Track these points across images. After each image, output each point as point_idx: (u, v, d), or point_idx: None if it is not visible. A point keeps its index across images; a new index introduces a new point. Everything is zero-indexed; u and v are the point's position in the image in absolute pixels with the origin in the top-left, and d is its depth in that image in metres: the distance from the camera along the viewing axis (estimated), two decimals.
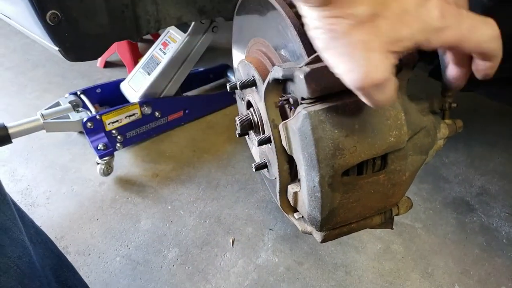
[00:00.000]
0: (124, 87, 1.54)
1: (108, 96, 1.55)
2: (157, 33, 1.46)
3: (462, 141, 1.50)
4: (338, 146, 0.46)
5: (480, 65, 0.39)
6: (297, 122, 0.47)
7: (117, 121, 1.39)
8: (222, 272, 1.08)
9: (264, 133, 0.64)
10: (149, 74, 1.47)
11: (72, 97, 1.43)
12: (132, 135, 1.46)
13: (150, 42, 1.79)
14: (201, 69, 1.78)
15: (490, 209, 1.24)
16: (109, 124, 1.37)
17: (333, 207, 0.50)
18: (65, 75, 1.99)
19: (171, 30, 1.50)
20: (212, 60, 1.90)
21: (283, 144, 0.54)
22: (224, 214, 1.24)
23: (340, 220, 0.54)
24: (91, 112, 1.39)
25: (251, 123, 0.67)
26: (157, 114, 1.49)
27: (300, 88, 0.46)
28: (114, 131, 1.39)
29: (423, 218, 1.22)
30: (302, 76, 0.44)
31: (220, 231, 1.19)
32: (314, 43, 0.36)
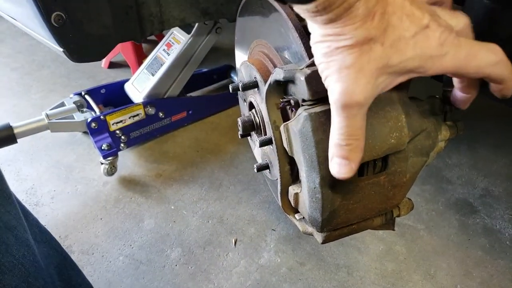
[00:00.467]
0: (128, 87, 1.55)
1: (112, 96, 1.56)
2: (161, 34, 1.47)
3: (466, 143, 1.50)
4: None
5: (492, 87, 0.40)
6: (298, 123, 0.47)
7: (121, 121, 1.39)
8: (224, 272, 1.08)
9: (265, 134, 0.64)
10: (153, 75, 1.48)
11: (77, 98, 1.45)
12: (136, 135, 1.47)
13: (154, 43, 1.79)
14: (205, 69, 1.79)
15: (493, 210, 1.24)
16: (113, 124, 1.38)
17: (334, 208, 0.51)
18: (70, 75, 2.01)
19: (175, 31, 1.51)
20: (216, 60, 1.90)
21: (284, 145, 0.54)
22: (227, 215, 1.24)
23: (341, 221, 0.54)
24: (95, 112, 1.40)
25: (253, 124, 0.67)
26: (161, 114, 1.50)
27: (301, 90, 0.46)
28: (118, 132, 1.40)
29: (425, 219, 1.21)
30: (302, 78, 0.44)
31: (223, 231, 1.19)
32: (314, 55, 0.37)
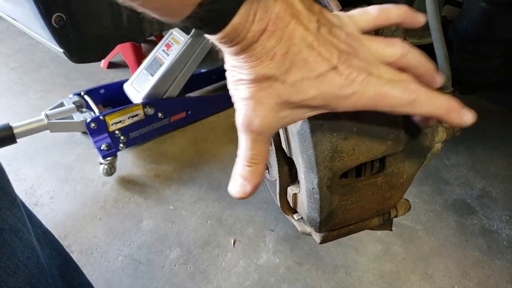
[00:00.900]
0: (128, 88, 1.55)
1: (112, 96, 1.56)
2: (161, 35, 1.47)
3: (464, 144, 1.50)
4: (337, 149, 0.46)
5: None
6: (296, 125, 0.48)
7: (120, 121, 1.40)
8: (223, 272, 1.09)
9: None
10: (152, 75, 1.48)
11: (76, 98, 1.45)
12: (135, 135, 1.47)
13: (154, 43, 1.79)
14: (204, 70, 1.79)
15: (490, 211, 1.24)
16: (112, 124, 1.38)
17: (332, 209, 0.51)
18: (69, 75, 2.01)
19: (174, 31, 1.51)
20: (215, 61, 1.91)
21: (282, 146, 0.55)
22: (226, 215, 1.25)
23: (339, 222, 0.55)
24: (94, 112, 1.41)
25: None
26: (160, 115, 1.50)
27: None
28: (117, 132, 1.40)
29: (423, 220, 1.22)
30: None
31: (222, 231, 1.20)
32: None
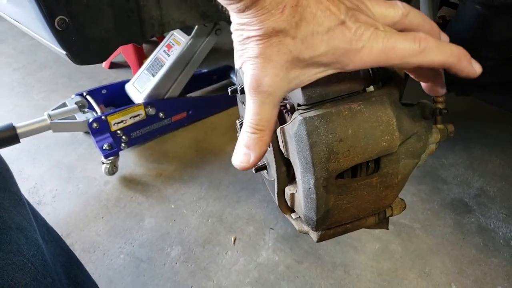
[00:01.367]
0: (129, 88, 1.57)
1: (114, 97, 1.58)
2: (162, 36, 1.49)
3: (461, 143, 1.52)
4: (332, 150, 0.48)
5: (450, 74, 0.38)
6: (293, 127, 0.49)
7: (122, 121, 1.41)
8: (223, 269, 1.10)
9: None
10: (153, 75, 1.50)
11: (78, 98, 1.46)
12: (137, 135, 1.49)
13: (155, 44, 1.81)
14: (205, 70, 1.81)
15: (488, 210, 1.26)
16: (114, 124, 1.40)
17: (328, 208, 0.52)
18: (71, 76, 2.02)
19: (175, 32, 1.52)
20: (216, 61, 1.92)
21: (280, 147, 0.56)
22: (226, 213, 1.27)
23: (335, 221, 0.56)
24: (96, 112, 1.42)
25: None
26: (161, 115, 1.52)
27: (296, 95, 0.48)
28: (119, 132, 1.42)
29: (421, 218, 1.23)
30: None
31: (222, 230, 1.22)
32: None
